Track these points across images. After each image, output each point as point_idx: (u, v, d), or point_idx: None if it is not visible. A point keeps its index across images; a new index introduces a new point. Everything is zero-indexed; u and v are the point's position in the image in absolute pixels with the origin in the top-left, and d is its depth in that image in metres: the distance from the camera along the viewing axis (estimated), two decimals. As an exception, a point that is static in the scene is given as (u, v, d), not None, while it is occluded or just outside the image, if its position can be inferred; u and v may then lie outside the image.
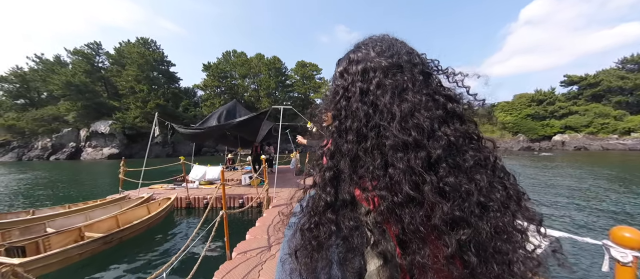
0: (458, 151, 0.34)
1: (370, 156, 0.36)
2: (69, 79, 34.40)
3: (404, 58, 0.39)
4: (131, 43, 40.25)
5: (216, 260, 3.92)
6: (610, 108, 36.76)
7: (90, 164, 26.76)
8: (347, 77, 0.42)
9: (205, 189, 7.65)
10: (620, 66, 41.33)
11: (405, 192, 0.32)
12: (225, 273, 2.82)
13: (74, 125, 35.48)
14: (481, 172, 0.34)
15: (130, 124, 34.81)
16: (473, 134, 0.37)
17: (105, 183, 12.11)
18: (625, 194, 8.09)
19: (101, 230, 4.39)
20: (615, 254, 0.80)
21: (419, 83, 0.37)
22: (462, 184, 0.32)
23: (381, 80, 0.38)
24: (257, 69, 45.52)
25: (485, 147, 0.37)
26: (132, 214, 5.19)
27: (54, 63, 38.53)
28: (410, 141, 0.33)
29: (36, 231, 4.24)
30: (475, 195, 0.32)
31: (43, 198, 8.94)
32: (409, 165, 0.32)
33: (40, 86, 37.65)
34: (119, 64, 39.12)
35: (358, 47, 0.44)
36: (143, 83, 37.49)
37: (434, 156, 0.33)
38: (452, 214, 0.31)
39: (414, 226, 0.32)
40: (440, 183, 0.32)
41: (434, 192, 0.32)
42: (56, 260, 3.47)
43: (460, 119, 0.37)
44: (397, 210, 0.33)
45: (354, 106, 0.39)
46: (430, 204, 0.32)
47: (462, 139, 0.35)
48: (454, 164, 0.33)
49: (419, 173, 0.32)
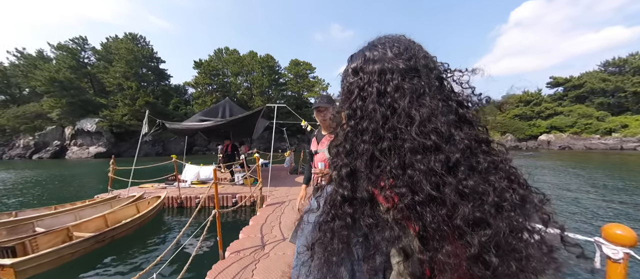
0: (472, 154, 0.35)
1: (386, 157, 0.37)
2: (52, 75, 33.07)
3: (421, 62, 0.40)
4: (119, 39, 39.05)
5: (209, 260, 3.86)
6: (593, 109, 38.24)
7: (75, 163, 25.89)
8: (363, 76, 0.41)
9: (197, 188, 7.53)
10: (603, 69, 42.99)
11: (426, 192, 0.33)
12: (218, 272, 2.78)
13: (59, 123, 34.20)
14: (494, 174, 0.35)
15: (118, 122, 33.83)
16: (483, 138, 0.38)
17: (93, 182, 11.74)
18: (611, 192, 8.42)
19: (90, 230, 4.29)
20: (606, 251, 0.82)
21: (435, 88, 0.38)
22: (479, 186, 0.33)
23: (399, 83, 0.38)
24: (250, 67, 45.01)
25: (495, 150, 0.38)
26: (121, 214, 5.08)
27: (37, 58, 36.99)
28: (429, 145, 0.34)
29: (24, 231, 4.11)
30: (492, 196, 0.33)
31: (29, 198, 8.59)
32: (430, 167, 0.34)
33: (21, 81, 36.11)
34: (106, 60, 37.89)
35: (374, 45, 0.44)
36: (131, 80, 36.46)
37: (452, 159, 0.34)
38: (473, 216, 0.32)
39: (436, 224, 0.33)
40: (459, 185, 0.33)
41: (454, 193, 0.33)
42: (48, 260, 3.41)
43: (470, 124, 0.38)
44: (419, 208, 0.34)
45: (371, 107, 0.39)
46: (451, 204, 0.32)
47: (475, 142, 0.36)
48: (470, 167, 0.34)
49: (440, 175, 0.33)
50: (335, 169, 0.42)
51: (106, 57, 38.01)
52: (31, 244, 3.57)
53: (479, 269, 0.32)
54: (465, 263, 0.32)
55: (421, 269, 0.34)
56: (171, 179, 7.98)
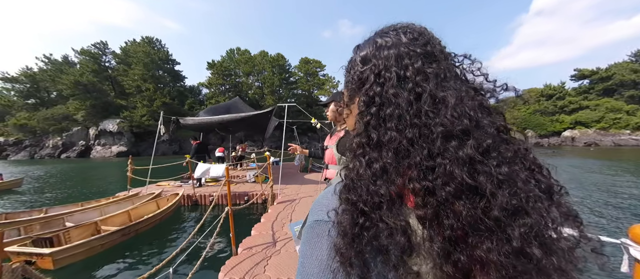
0: (501, 140, 0.33)
1: (415, 145, 0.34)
2: (77, 78, 35.05)
3: (437, 48, 0.38)
4: (137, 42, 40.69)
5: (222, 255, 3.97)
6: (622, 103, 35.73)
7: (100, 162, 27.32)
8: (378, 62, 0.39)
9: (211, 186, 7.75)
10: (634, 59, 40.03)
11: (460, 181, 0.30)
12: (231, 268, 2.84)
13: (83, 124, 36.21)
14: (518, 163, 0.33)
15: (137, 123, 35.35)
16: (502, 125, 0.36)
17: (115, 180, 12.34)
18: (638, 190, 7.87)
19: (115, 224, 4.60)
20: (634, 253, 0.77)
21: (454, 75, 0.37)
22: (513, 173, 0.31)
23: (421, 67, 0.36)
24: (261, 67, 45.56)
25: (516, 139, 0.36)
26: (143, 209, 5.40)
27: (62, 63, 39.29)
28: (462, 129, 0.32)
29: (56, 225, 4.47)
30: (521, 184, 0.31)
31: (58, 194, 9.19)
32: (466, 153, 0.31)
33: (49, 85, 38.43)
34: (125, 64, 39.61)
35: (384, 32, 0.42)
36: (149, 82, 37.93)
37: (484, 145, 0.32)
38: (511, 204, 0.29)
39: (473, 217, 0.30)
40: (494, 172, 0.30)
41: (491, 181, 0.30)
42: (81, 250, 3.70)
43: (488, 111, 0.36)
44: (451, 203, 0.31)
45: (391, 92, 0.36)
46: (490, 193, 0.30)
47: (498, 130, 0.34)
48: (501, 154, 0.32)
49: (476, 162, 0.31)
50: (364, 165, 0.37)
51: (125, 61, 39.74)
52: (64, 237, 3.89)
53: (521, 264, 0.29)
54: (506, 258, 0.29)
55: (454, 274, 0.31)
56: (186, 178, 8.27)
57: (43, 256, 3.33)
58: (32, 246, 3.50)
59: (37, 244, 3.58)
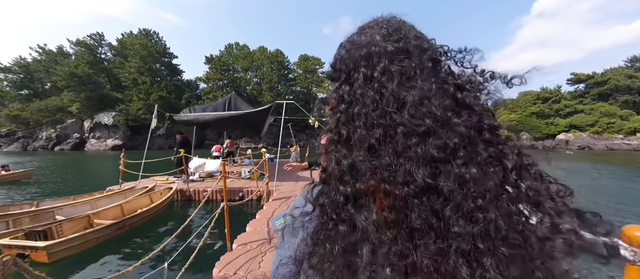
0: (470, 142, 0.32)
1: (382, 144, 0.34)
2: (72, 70, 34.51)
3: (411, 43, 0.37)
4: (133, 34, 40.12)
5: (217, 251, 3.96)
6: (616, 107, 36.24)
7: (94, 155, 27.04)
8: (349, 61, 0.39)
9: (206, 181, 7.70)
10: (629, 65, 40.58)
11: (420, 182, 0.30)
12: (226, 263, 2.84)
13: (78, 116, 35.74)
14: (496, 164, 0.32)
15: (133, 116, 34.99)
16: (486, 124, 0.34)
17: (109, 174, 12.22)
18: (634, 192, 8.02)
19: (108, 217, 4.56)
20: (625, 253, 0.77)
21: (428, 70, 0.36)
22: (478, 176, 0.30)
23: (386, 66, 0.36)
24: (260, 62, 45.29)
25: (500, 139, 0.35)
26: (136, 203, 5.35)
27: (57, 54, 38.62)
28: (424, 129, 0.32)
29: (46, 219, 4.38)
30: (491, 187, 0.30)
31: (52, 187, 9.08)
32: (425, 152, 0.31)
33: (43, 76, 37.82)
34: (122, 56, 39.09)
35: (362, 29, 0.42)
36: (146, 75, 37.50)
37: (450, 145, 0.31)
38: (470, 204, 0.29)
39: (426, 216, 0.30)
40: (458, 172, 0.30)
41: (452, 181, 0.30)
42: (76, 244, 3.66)
43: (469, 109, 0.34)
44: (412, 200, 0.31)
45: (358, 92, 0.36)
46: (448, 192, 0.30)
47: (474, 130, 0.33)
48: (469, 154, 0.31)
49: (437, 161, 0.31)
50: (334, 162, 0.37)
51: (122, 53, 39.20)
52: (57, 230, 3.83)
53: (468, 268, 0.28)
54: (455, 257, 0.29)
55: (404, 267, 0.31)
56: (179, 174, 7.99)
57: (37, 249, 3.28)
58: (25, 239, 3.45)
59: (30, 237, 3.52)
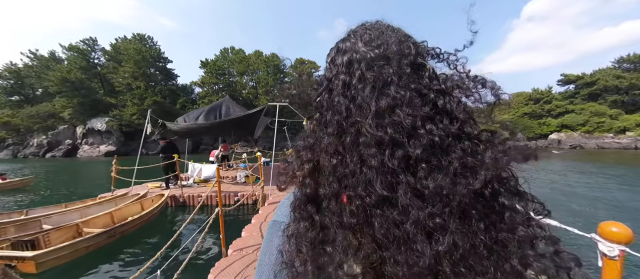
0: (442, 151, 0.31)
1: (349, 153, 0.34)
2: (64, 75, 34.04)
3: (392, 48, 0.36)
4: (128, 39, 39.84)
5: (212, 257, 3.93)
6: (606, 107, 37.11)
7: (86, 161, 26.59)
8: (333, 68, 0.40)
9: (200, 187, 7.62)
10: (617, 66, 41.66)
11: (377, 193, 0.30)
12: (221, 270, 2.82)
13: (70, 122, 35.17)
14: (468, 176, 0.30)
15: (127, 121, 34.57)
16: (466, 133, 0.33)
17: (101, 181, 12.03)
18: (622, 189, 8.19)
19: (97, 226, 4.44)
20: (602, 248, 0.81)
21: (406, 76, 0.34)
22: (443, 188, 0.29)
23: (363, 72, 0.35)
24: (256, 66, 45.28)
25: (480, 148, 0.33)
26: (127, 211, 5.24)
27: (49, 59, 38.10)
28: (385, 139, 0.31)
29: (32, 228, 4.26)
30: (457, 201, 0.29)
31: (43, 195, 8.92)
32: (383, 163, 0.30)
33: (35, 82, 37.23)
34: (116, 61, 38.72)
35: (348, 35, 0.42)
36: (140, 80, 37.17)
37: (413, 155, 0.30)
38: (432, 222, 0.28)
39: (386, 229, 0.30)
40: (417, 185, 0.30)
41: (409, 194, 0.29)
42: (66, 253, 3.58)
43: (449, 116, 0.33)
44: (371, 212, 0.31)
45: (336, 99, 0.37)
46: (404, 206, 0.29)
47: (451, 139, 0.32)
48: (437, 166, 0.30)
49: (394, 173, 0.30)
50: (299, 166, 0.40)
51: (115, 58, 38.84)
52: (44, 240, 3.73)
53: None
54: (418, 275, 0.28)
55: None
56: (173, 179, 7.70)
57: (25, 260, 3.20)
58: (12, 249, 3.36)
59: (16, 247, 3.43)
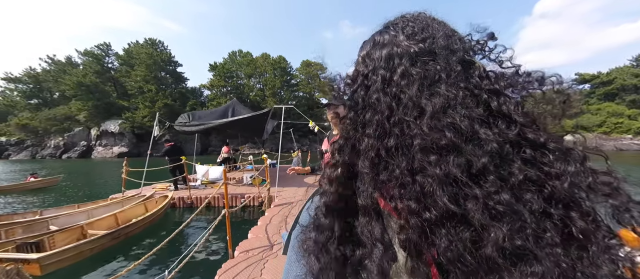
0: (503, 160, 0.26)
1: (395, 157, 0.30)
2: (79, 79, 35.36)
3: (439, 42, 0.33)
4: (139, 44, 41.03)
5: (218, 258, 3.96)
6: (624, 107, 35.62)
7: (101, 162, 27.41)
8: (369, 63, 0.36)
9: (206, 188, 7.72)
10: (635, 64, 39.96)
11: (442, 206, 0.25)
12: (227, 270, 2.84)
13: (85, 124, 36.43)
14: (534, 191, 0.25)
15: (139, 124, 35.53)
16: (527, 139, 0.28)
17: (115, 181, 12.38)
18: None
19: (102, 228, 4.46)
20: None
21: (456, 74, 0.31)
22: (514, 205, 0.24)
23: (407, 68, 0.32)
24: (263, 69, 45.78)
25: (550, 158, 0.27)
26: (131, 213, 5.25)
27: (66, 64, 39.62)
28: (444, 143, 0.27)
29: (39, 229, 4.31)
30: (530, 221, 0.24)
31: (57, 196, 9.23)
32: (447, 172, 0.26)
33: (52, 86, 38.74)
34: (128, 65, 39.92)
35: (386, 27, 0.38)
36: (151, 83, 38.17)
37: (477, 164, 0.26)
38: (511, 243, 0.23)
39: (455, 252, 0.25)
40: (488, 200, 0.25)
41: (482, 210, 0.24)
42: (70, 255, 3.58)
43: (507, 119, 0.29)
44: (431, 229, 0.26)
45: (374, 97, 0.33)
46: (479, 225, 0.24)
47: (510, 145, 0.27)
48: (500, 177, 0.26)
49: (461, 184, 0.26)
50: (326, 171, 0.36)
51: (128, 62, 40.04)
52: (49, 241, 3.73)
53: None
54: None
55: None
56: (181, 181, 7.76)
57: (29, 262, 3.19)
58: (16, 251, 3.36)
59: (22, 249, 3.44)
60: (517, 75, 0.32)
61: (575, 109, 0.32)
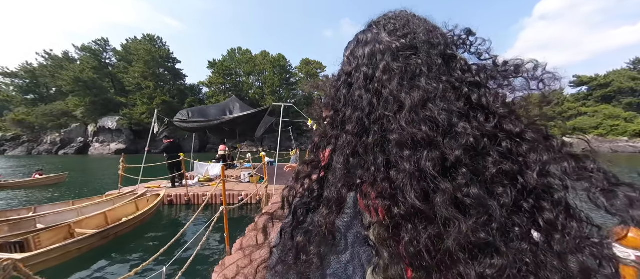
0: (479, 153, 0.26)
1: (372, 154, 0.30)
2: (77, 75, 35.01)
3: (420, 38, 0.33)
4: (138, 40, 40.69)
5: (216, 255, 3.95)
6: (620, 110, 35.95)
7: (98, 159, 27.22)
8: (353, 60, 0.36)
9: (204, 186, 7.67)
10: (632, 67, 40.34)
11: (410, 202, 0.25)
12: (225, 267, 2.83)
13: (82, 120, 36.13)
14: (506, 184, 0.25)
15: (137, 120, 35.31)
16: (506, 131, 0.28)
17: (112, 178, 12.30)
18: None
19: (90, 227, 4.25)
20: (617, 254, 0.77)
21: (437, 68, 0.31)
22: (485, 198, 0.24)
23: (389, 63, 0.32)
24: (262, 67, 45.65)
25: (524, 150, 0.28)
26: (121, 211, 5.05)
27: (63, 59, 39.25)
28: (420, 137, 0.27)
29: (25, 227, 4.13)
30: (498, 215, 0.24)
31: (51, 192, 9.13)
32: (418, 167, 0.26)
33: (49, 81, 38.38)
34: (126, 61, 39.61)
35: (369, 26, 0.39)
36: (149, 80, 37.91)
37: (451, 158, 0.26)
38: (475, 237, 0.23)
39: (417, 247, 0.25)
40: (457, 193, 0.25)
41: (448, 204, 0.25)
42: (56, 255, 3.38)
43: (486, 112, 0.29)
44: (399, 224, 0.26)
45: (357, 94, 0.33)
46: (443, 220, 0.24)
47: (488, 138, 0.27)
48: (474, 170, 0.26)
49: (431, 178, 0.26)
50: (303, 168, 0.37)
51: (126, 58, 39.73)
52: (34, 241, 3.52)
53: None
54: None
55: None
56: (178, 178, 7.70)
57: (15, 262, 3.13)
58: (0, 251, 3.19)
59: (4, 249, 3.26)
60: (495, 65, 0.33)
61: (556, 95, 0.33)
